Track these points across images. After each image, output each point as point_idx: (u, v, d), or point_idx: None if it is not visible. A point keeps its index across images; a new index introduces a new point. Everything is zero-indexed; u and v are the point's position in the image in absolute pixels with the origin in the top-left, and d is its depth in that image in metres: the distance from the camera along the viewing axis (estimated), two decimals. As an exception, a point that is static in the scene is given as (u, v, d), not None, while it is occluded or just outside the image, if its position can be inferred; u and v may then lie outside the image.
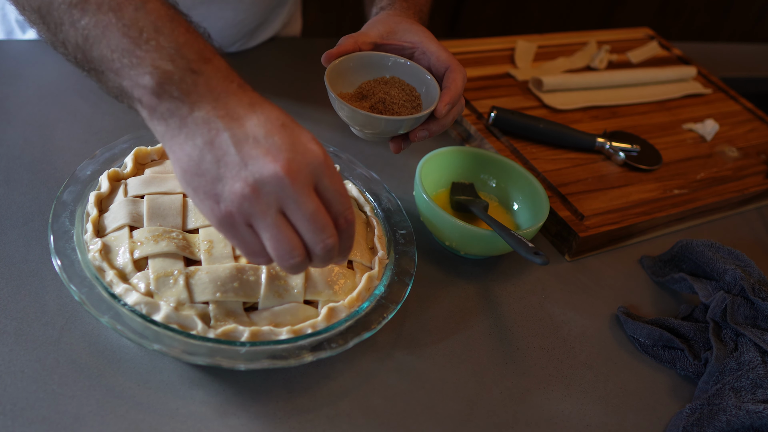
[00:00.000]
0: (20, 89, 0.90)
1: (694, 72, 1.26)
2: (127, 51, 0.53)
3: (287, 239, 0.53)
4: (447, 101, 0.73)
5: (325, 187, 0.54)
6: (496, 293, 0.80)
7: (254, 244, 0.54)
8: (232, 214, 0.52)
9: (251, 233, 0.54)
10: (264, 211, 0.52)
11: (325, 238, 0.54)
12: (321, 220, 0.54)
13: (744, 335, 0.75)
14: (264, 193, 0.52)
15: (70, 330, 0.64)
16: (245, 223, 0.53)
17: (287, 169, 0.52)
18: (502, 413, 0.68)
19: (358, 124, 0.74)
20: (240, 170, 0.52)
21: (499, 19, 2.41)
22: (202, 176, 0.53)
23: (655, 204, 0.95)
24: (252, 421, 0.61)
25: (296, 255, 0.54)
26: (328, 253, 0.55)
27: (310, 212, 0.53)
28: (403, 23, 0.80)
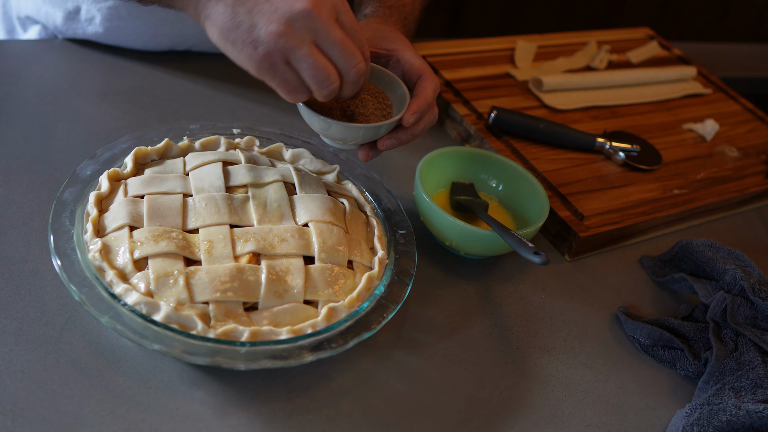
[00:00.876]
0: (20, 89, 0.90)
1: (694, 72, 1.26)
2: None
3: (324, 65, 0.61)
4: (415, 110, 0.71)
5: (345, 21, 0.62)
6: (496, 293, 0.80)
7: (294, 80, 0.61)
8: (270, 53, 0.59)
9: (290, 70, 0.61)
10: (299, 44, 0.59)
11: (356, 62, 0.62)
12: (350, 46, 0.61)
13: (744, 335, 0.75)
14: (296, 28, 0.59)
15: (70, 330, 0.64)
16: (283, 60, 0.60)
17: (313, 5, 0.59)
18: (502, 413, 0.68)
19: (321, 130, 0.72)
20: (272, 14, 0.59)
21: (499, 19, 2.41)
22: (238, 28, 0.60)
23: (655, 204, 0.95)
24: (252, 421, 0.61)
25: (333, 80, 0.61)
26: (360, 77, 0.63)
27: (339, 39, 0.60)
28: (381, 30, 0.79)
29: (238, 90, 1.00)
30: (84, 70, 0.97)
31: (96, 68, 0.98)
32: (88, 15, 0.97)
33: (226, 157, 0.76)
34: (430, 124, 0.75)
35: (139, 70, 0.99)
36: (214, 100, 0.97)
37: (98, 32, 0.98)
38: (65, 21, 0.98)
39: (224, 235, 0.67)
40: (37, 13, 1.01)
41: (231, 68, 1.04)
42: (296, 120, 0.97)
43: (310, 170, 0.81)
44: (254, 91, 1.00)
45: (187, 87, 0.98)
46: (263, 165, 0.77)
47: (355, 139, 0.72)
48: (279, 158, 0.82)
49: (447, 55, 1.13)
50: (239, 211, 0.70)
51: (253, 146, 0.82)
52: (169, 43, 1.01)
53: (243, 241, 0.67)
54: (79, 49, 1.00)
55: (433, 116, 0.74)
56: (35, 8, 1.01)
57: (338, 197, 0.78)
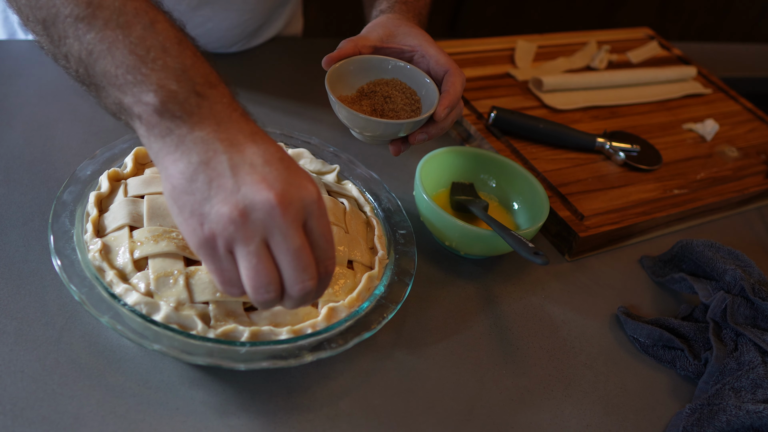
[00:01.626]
0: (20, 89, 0.90)
1: (694, 72, 1.26)
2: (133, 68, 0.53)
3: (266, 271, 0.52)
4: (446, 104, 0.74)
5: (313, 227, 0.53)
6: (496, 293, 0.80)
7: (231, 272, 0.53)
8: (215, 236, 0.51)
9: (230, 260, 0.52)
10: (248, 238, 0.51)
11: (305, 279, 0.53)
12: (305, 259, 0.52)
13: (744, 335, 0.75)
14: (252, 219, 0.51)
15: (70, 330, 0.64)
16: (226, 249, 0.52)
17: (280, 199, 0.51)
18: (502, 413, 0.68)
19: (358, 127, 0.74)
20: (232, 193, 0.51)
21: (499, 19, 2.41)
22: (191, 194, 0.52)
23: (655, 204, 0.95)
24: (252, 421, 0.61)
25: (271, 290, 0.52)
26: (304, 296, 0.54)
27: (295, 248, 0.51)
28: (403, 26, 0.80)
29: (238, 90, 1.00)
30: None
31: (96, 68, 0.97)
32: None
33: (226, 157, 0.76)
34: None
35: (139, 70, 0.99)
36: (214, 100, 0.97)
37: None
38: None
39: (224, 235, 0.67)
40: None
41: (231, 68, 1.04)
42: (296, 120, 0.97)
43: (310, 170, 0.81)
44: (255, 91, 1.00)
45: (187, 87, 0.98)
46: (263, 165, 0.77)
47: (393, 134, 0.75)
48: (279, 158, 0.82)
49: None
50: (239, 211, 0.70)
51: (253, 146, 0.82)
52: None
53: (243, 241, 0.67)
54: (79, 49, 1.00)
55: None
56: None
57: (338, 197, 0.78)
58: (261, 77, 1.04)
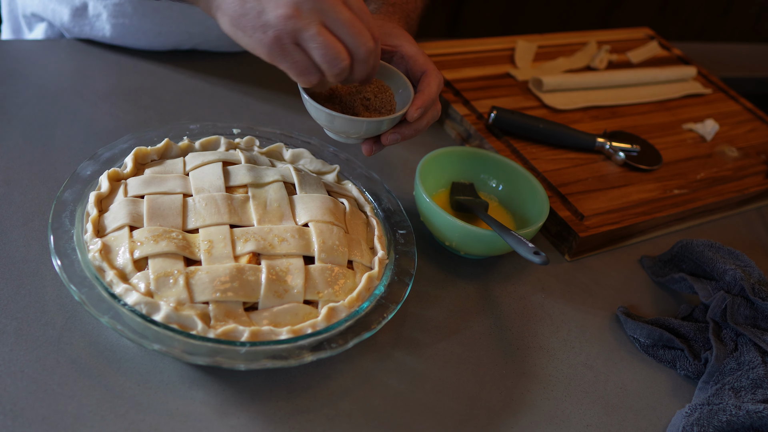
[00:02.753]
0: (20, 89, 0.90)
1: (694, 72, 1.26)
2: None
3: (333, 44, 0.61)
4: (419, 105, 0.72)
5: (351, 2, 0.63)
6: (496, 293, 0.80)
7: (304, 61, 0.62)
8: (280, 36, 0.60)
9: (300, 51, 0.62)
10: (308, 25, 0.60)
11: (366, 41, 0.63)
12: (358, 25, 0.62)
13: (744, 335, 0.75)
14: (304, 10, 0.60)
15: (70, 330, 0.64)
16: (293, 42, 0.61)
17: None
18: (502, 413, 0.68)
19: (325, 124, 0.72)
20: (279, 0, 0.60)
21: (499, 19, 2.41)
22: (247, 14, 0.61)
23: (655, 204, 0.95)
24: (252, 421, 0.61)
25: (343, 58, 0.62)
26: (370, 56, 0.64)
27: (347, 19, 0.61)
28: (385, 27, 0.79)
29: (238, 89, 1.00)
30: (84, 70, 0.97)
31: (96, 68, 0.98)
32: (95, 11, 0.97)
33: (226, 157, 0.76)
34: (433, 120, 0.76)
35: (140, 70, 0.99)
36: (214, 100, 0.97)
37: (105, 29, 0.98)
38: (72, 18, 0.98)
39: (224, 235, 0.67)
40: (43, 10, 1.01)
41: (232, 67, 1.04)
42: (296, 120, 0.97)
43: (310, 170, 0.81)
44: (255, 90, 1.00)
45: (187, 87, 0.98)
46: (263, 165, 0.77)
47: (359, 133, 0.73)
48: (279, 158, 0.82)
49: (447, 55, 1.13)
50: (239, 211, 0.70)
51: (253, 146, 0.82)
52: (175, 41, 1.01)
53: (243, 241, 0.67)
54: (79, 49, 1.00)
55: (436, 112, 0.76)
56: (41, 5, 1.01)
57: (338, 197, 0.78)
58: (262, 77, 1.04)
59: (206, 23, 1.00)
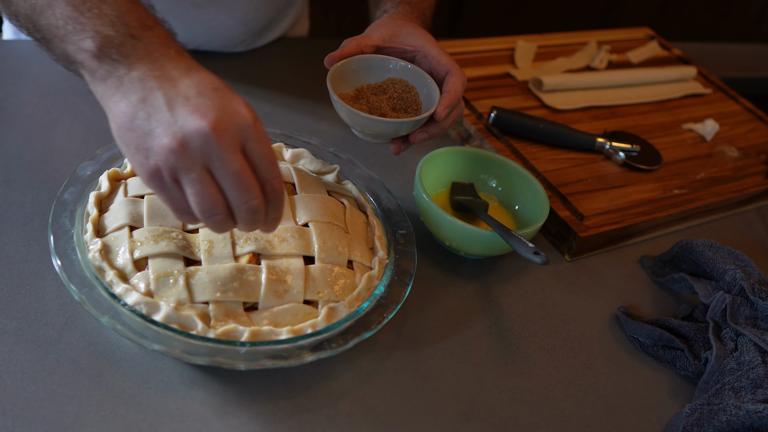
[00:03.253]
0: (20, 89, 0.90)
1: (694, 72, 1.26)
2: (71, 18, 0.57)
3: (210, 195, 0.54)
4: (446, 104, 0.74)
5: (252, 150, 0.55)
6: (496, 293, 0.80)
7: (180, 201, 0.56)
8: (159, 168, 0.54)
9: (178, 189, 0.55)
10: (189, 166, 0.54)
11: (249, 198, 0.55)
12: (246, 180, 0.55)
13: (744, 335, 0.75)
14: (190, 148, 0.53)
15: (70, 330, 0.64)
16: (172, 179, 0.54)
17: (214, 126, 0.53)
18: (502, 413, 0.68)
19: (358, 125, 0.75)
20: (169, 126, 0.54)
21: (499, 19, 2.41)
22: (133, 131, 0.55)
23: (655, 204, 0.95)
24: (252, 421, 0.61)
25: (218, 212, 0.55)
26: (253, 215, 0.56)
27: (234, 170, 0.54)
28: (406, 27, 0.80)
29: (238, 89, 1.00)
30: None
31: (96, 68, 0.97)
32: None
33: (226, 157, 0.76)
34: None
35: (139, 70, 0.99)
36: (214, 100, 0.97)
37: None
38: None
39: (224, 235, 0.67)
40: None
41: (232, 67, 1.04)
42: (296, 120, 0.97)
43: (310, 170, 0.81)
44: (255, 90, 1.00)
45: (187, 87, 0.98)
46: (263, 165, 0.77)
47: (388, 133, 0.75)
48: (279, 158, 0.82)
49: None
50: (239, 211, 0.70)
51: (253, 146, 0.82)
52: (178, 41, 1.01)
53: (243, 241, 0.67)
54: (79, 49, 1.00)
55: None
56: None
57: (338, 197, 0.78)
58: (263, 76, 1.04)
59: (209, 24, 1.00)
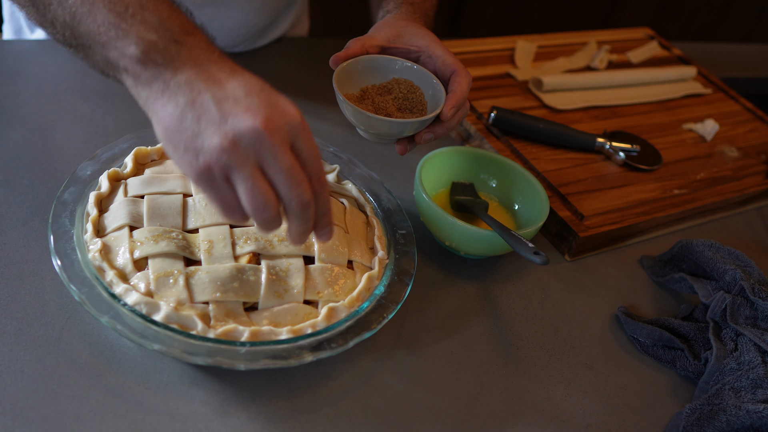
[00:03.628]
0: (20, 89, 0.90)
1: (694, 72, 1.26)
2: (113, 24, 0.57)
3: (262, 191, 0.54)
4: (453, 104, 0.74)
5: (301, 147, 0.56)
6: (496, 293, 0.80)
7: (230, 198, 0.55)
8: (210, 166, 0.54)
9: (228, 187, 0.55)
10: (242, 163, 0.53)
11: (300, 192, 0.55)
12: (297, 175, 0.55)
13: (744, 335, 0.75)
14: (242, 146, 0.53)
15: (70, 330, 0.64)
16: (223, 177, 0.54)
17: (265, 125, 0.53)
18: (502, 413, 0.68)
19: (364, 125, 0.75)
20: (220, 125, 0.54)
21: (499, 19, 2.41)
22: (182, 132, 0.55)
23: (655, 204, 0.95)
24: (252, 421, 0.61)
25: (270, 207, 0.55)
26: (304, 210, 0.56)
27: (286, 166, 0.54)
28: (410, 27, 0.81)
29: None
30: (84, 70, 0.96)
31: (96, 68, 0.97)
32: None
33: (226, 157, 0.76)
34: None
35: (139, 70, 0.99)
36: (214, 100, 0.97)
37: None
38: None
39: (224, 235, 0.67)
40: None
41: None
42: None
43: (310, 170, 0.80)
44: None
45: (187, 87, 0.98)
46: (263, 165, 0.77)
47: (394, 133, 0.75)
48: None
49: (447, 55, 1.13)
50: (239, 211, 0.70)
51: (253, 146, 0.82)
52: None
53: (243, 241, 0.67)
54: (79, 49, 1.00)
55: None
56: None
57: (338, 197, 0.78)
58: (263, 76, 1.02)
59: (209, 25, 0.99)
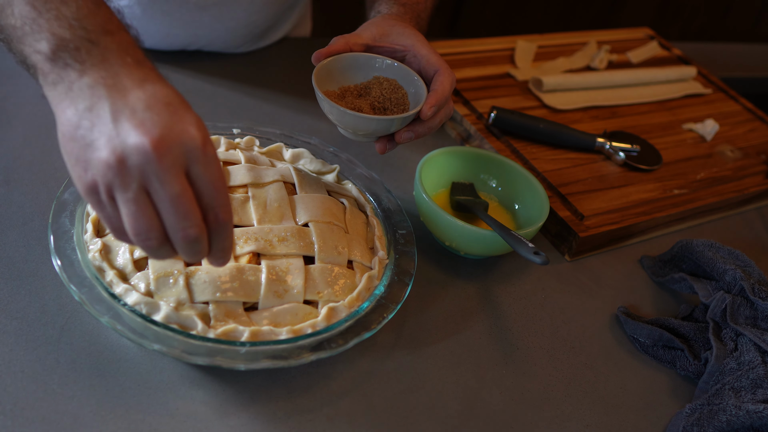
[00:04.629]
0: (20, 89, 0.90)
1: (694, 72, 1.26)
2: (30, 18, 0.55)
3: (144, 217, 0.51)
4: (433, 103, 0.73)
5: (198, 174, 0.52)
6: (496, 293, 0.80)
7: (116, 220, 0.52)
8: (96, 183, 0.51)
9: (114, 207, 0.52)
10: (125, 184, 0.50)
11: (186, 226, 0.51)
12: (184, 206, 0.51)
13: (744, 335, 0.75)
14: (128, 165, 0.50)
15: (70, 330, 0.64)
16: (108, 195, 0.51)
17: (155, 145, 0.50)
18: (502, 413, 0.68)
19: (341, 122, 0.73)
20: (111, 139, 0.50)
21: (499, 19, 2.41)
22: (76, 141, 0.52)
23: (655, 204, 0.95)
24: (252, 421, 0.61)
25: (152, 237, 0.52)
26: (191, 246, 0.52)
27: (172, 194, 0.50)
28: (397, 26, 0.80)
29: (239, 89, 1.00)
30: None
31: (96, 68, 0.97)
32: None
33: (226, 157, 0.76)
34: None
35: (139, 70, 0.99)
36: (214, 100, 0.97)
37: None
38: None
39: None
40: None
41: (233, 68, 1.04)
42: (296, 120, 0.97)
43: (310, 170, 0.81)
44: (255, 90, 1.00)
45: (188, 87, 0.98)
46: (263, 165, 0.77)
47: (370, 130, 0.74)
48: (279, 158, 0.82)
49: (447, 55, 1.13)
50: (239, 211, 0.70)
51: (253, 146, 0.82)
52: (182, 43, 1.01)
53: (243, 241, 0.67)
54: (79, 49, 1.00)
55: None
56: None
57: (338, 197, 0.78)
58: (265, 77, 1.04)
59: (212, 26, 1.00)
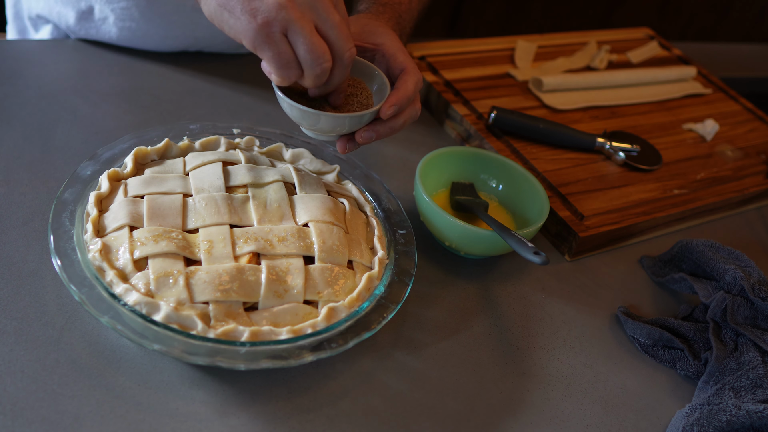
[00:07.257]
0: (20, 89, 0.90)
1: (694, 72, 1.26)
2: None
3: (320, 43, 0.61)
4: (393, 102, 0.70)
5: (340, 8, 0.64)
6: (496, 293, 0.80)
7: (287, 54, 0.61)
8: (269, 23, 0.59)
9: (285, 43, 0.61)
10: (300, 18, 0.60)
11: (351, 46, 0.64)
12: (347, 30, 0.63)
13: (744, 335, 0.75)
14: (299, 3, 0.60)
15: (70, 330, 0.64)
16: (281, 32, 0.60)
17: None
18: (502, 413, 0.68)
19: (296, 118, 0.71)
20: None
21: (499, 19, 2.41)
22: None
23: (655, 204, 0.95)
24: (252, 421, 0.61)
25: (327, 59, 0.62)
26: (351, 63, 0.65)
27: (338, 22, 0.62)
28: (370, 25, 0.78)
29: (239, 90, 1.00)
30: (84, 70, 0.97)
31: (97, 68, 0.98)
32: (101, 15, 0.97)
33: (226, 157, 0.76)
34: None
35: (141, 71, 0.99)
36: (214, 100, 0.97)
37: (111, 32, 0.98)
38: (78, 21, 0.98)
39: (224, 235, 0.67)
40: (48, 12, 1.01)
41: (233, 68, 1.04)
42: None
43: (310, 170, 0.81)
44: (255, 90, 1.00)
45: (188, 87, 0.98)
46: (263, 165, 0.77)
47: (330, 129, 0.71)
48: (279, 158, 0.82)
49: (447, 55, 1.14)
50: (239, 211, 0.70)
51: (253, 146, 0.82)
52: (181, 44, 1.01)
53: (243, 241, 0.67)
54: (79, 49, 1.00)
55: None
56: (47, 8, 1.01)
57: (338, 197, 0.78)
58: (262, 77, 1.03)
59: (211, 28, 1.00)
